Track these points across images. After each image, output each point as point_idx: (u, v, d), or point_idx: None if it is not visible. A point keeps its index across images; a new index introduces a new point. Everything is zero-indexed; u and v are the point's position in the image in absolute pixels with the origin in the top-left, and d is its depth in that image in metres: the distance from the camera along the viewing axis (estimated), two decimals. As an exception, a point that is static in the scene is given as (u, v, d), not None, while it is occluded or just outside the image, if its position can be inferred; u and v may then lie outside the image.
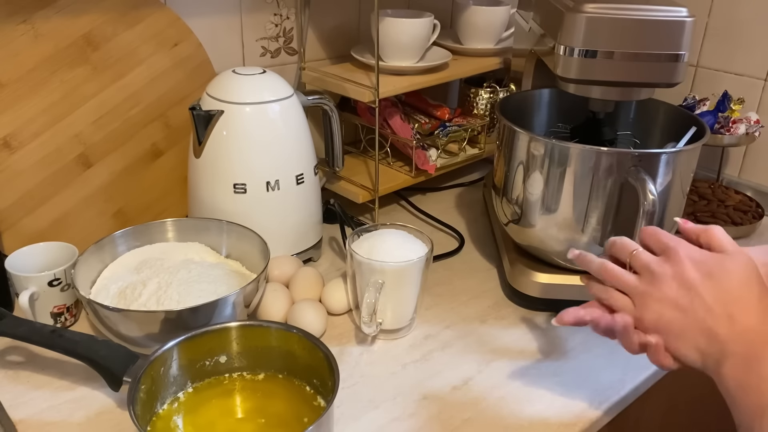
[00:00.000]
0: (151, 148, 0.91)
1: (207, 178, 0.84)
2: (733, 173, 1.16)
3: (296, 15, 1.04)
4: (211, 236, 0.83)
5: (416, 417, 0.66)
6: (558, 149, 0.76)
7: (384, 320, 0.76)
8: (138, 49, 0.88)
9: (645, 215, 0.69)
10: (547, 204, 0.78)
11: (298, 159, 0.85)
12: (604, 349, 0.76)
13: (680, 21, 0.72)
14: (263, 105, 0.81)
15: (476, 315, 0.82)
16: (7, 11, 0.78)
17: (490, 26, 1.11)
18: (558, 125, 0.95)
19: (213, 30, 0.96)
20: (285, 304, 0.78)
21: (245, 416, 0.62)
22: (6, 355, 0.73)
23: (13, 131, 0.80)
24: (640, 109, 0.92)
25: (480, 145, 1.16)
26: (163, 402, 0.62)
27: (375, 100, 0.93)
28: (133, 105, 0.88)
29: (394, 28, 0.97)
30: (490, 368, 0.73)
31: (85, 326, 0.78)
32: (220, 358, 0.65)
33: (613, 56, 0.74)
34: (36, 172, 0.82)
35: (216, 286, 0.74)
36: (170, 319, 0.66)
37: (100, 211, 0.87)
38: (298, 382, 0.65)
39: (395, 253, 0.74)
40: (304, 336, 0.63)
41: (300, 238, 0.89)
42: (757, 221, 1.04)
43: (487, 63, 1.11)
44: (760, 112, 1.09)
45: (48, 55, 0.81)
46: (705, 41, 1.14)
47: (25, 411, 0.65)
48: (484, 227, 1.04)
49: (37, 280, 0.73)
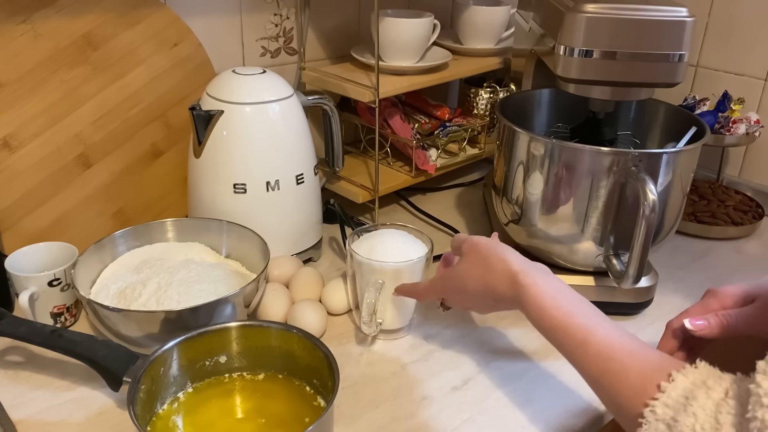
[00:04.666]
0: (151, 148, 0.91)
1: (207, 178, 0.84)
2: (733, 173, 1.16)
3: (296, 15, 1.04)
4: (211, 236, 0.83)
5: (416, 417, 0.66)
6: (558, 149, 0.76)
7: (384, 320, 0.76)
8: (138, 49, 0.88)
9: (645, 215, 0.69)
10: (547, 204, 0.78)
11: (298, 159, 0.85)
12: (604, 349, 0.76)
13: (680, 21, 0.72)
14: (263, 105, 0.81)
15: (476, 315, 0.82)
16: (7, 11, 0.78)
17: (490, 26, 1.11)
18: (558, 125, 0.95)
19: (213, 30, 0.96)
20: (285, 304, 0.78)
21: (245, 416, 0.62)
22: (6, 355, 0.73)
23: (13, 131, 0.80)
24: (640, 109, 0.92)
25: (480, 145, 1.16)
26: (163, 402, 0.62)
27: (375, 100, 0.93)
28: (133, 105, 0.88)
29: (394, 28, 0.97)
30: (490, 368, 0.73)
31: (85, 326, 0.78)
32: (220, 358, 0.65)
33: (613, 56, 0.74)
34: (36, 172, 0.82)
35: (216, 286, 0.74)
36: (170, 319, 0.66)
37: (100, 211, 0.87)
38: (298, 382, 0.65)
39: (395, 253, 0.74)
40: (304, 336, 0.63)
41: (300, 238, 0.89)
42: (757, 221, 1.05)
43: (487, 63, 1.11)
44: (760, 112, 1.09)
45: (48, 55, 0.81)
46: (705, 41, 1.14)
47: (25, 411, 0.65)
48: (484, 227, 1.04)
49: (37, 280, 0.73)
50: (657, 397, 0.48)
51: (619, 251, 0.78)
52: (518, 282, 0.61)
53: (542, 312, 0.59)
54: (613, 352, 0.53)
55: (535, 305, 0.59)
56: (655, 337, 0.78)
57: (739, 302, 0.62)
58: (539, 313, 0.59)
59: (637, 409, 0.49)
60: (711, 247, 1.01)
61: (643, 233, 0.70)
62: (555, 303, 0.59)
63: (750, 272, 0.94)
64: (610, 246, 0.78)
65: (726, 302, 0.62)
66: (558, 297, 0.59)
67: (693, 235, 1.02)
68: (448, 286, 0.70)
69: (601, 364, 0.54)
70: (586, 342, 0.55)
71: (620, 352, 0.53)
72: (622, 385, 0.51)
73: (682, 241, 1.01)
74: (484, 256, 0.65)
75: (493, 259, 0.64)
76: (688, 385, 0.47)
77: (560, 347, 0.58)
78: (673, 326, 0.63)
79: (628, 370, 0.51)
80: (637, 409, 0.49)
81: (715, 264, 0.97)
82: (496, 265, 0.64)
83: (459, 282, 0.68)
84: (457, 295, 0.70)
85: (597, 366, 0.54)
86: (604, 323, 0.57)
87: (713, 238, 1.02)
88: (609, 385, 0.53)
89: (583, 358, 0.55)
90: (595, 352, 0.54)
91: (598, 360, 0.54)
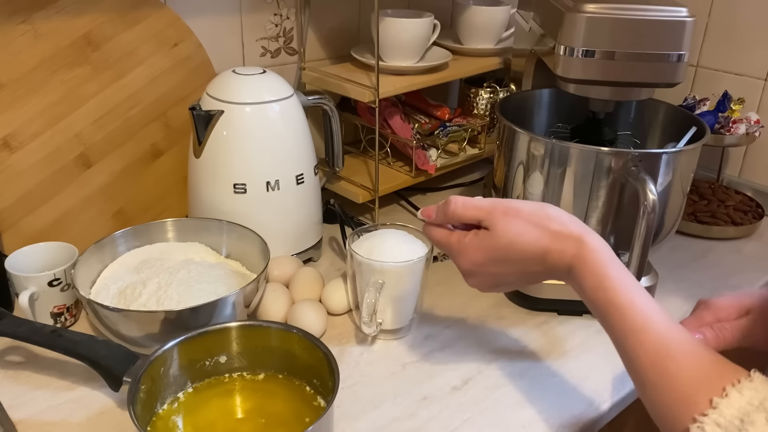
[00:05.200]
0: (151, 148, 0.91)
1: (207, 178, 0.84)
2: (733, 173, 1.16)
3: (296, 15, 1.04)
4: (211, 236, 0.83)
5: (416, 417, 0.66)
6: (558, 149, 0.76)
7: (384, 320, 0.76)
8: (138, 49, 0.87)
9: (645, 215, 0.69)
10: (547, 204, 0.78)
11: (298, 159, 0.85)
12: (604, 349, 0.76)
13: (680, 21, 0.72)
14: (263, 105, 0.81)
15: (476, 315, 0.82)
16: (7, 11, 0.78)
17: (490, 26, 1.11)
18: (558, 125, 0.95)
19: (213, 30, 0.96)
20: (285, 304, 0.78)
21: (245, 416, 0.62)
22: (6, 355, 0.73)
23: (13, 131, 0.80)
24: (640, 109, 0.92)
25: (480, 145, 1.16)
26: (163, 402, 0.62)
27: (375, 100, 0.92)
28: (133, 105, 0.88)
29: (394, 28, 0.97)
30: (490, 368, 0.73)
31: (85, 326, 0.78)
32: (220, 358, 0.65)
33: (613, 56, 0.74)
34: (36, 172, 0.82)
35: (216, 286, 0.74)
36: (170, 319, 0.66)
37: (100, 211, 0.87)
38: (298, 382, 0.65)
39: (395, 253, 0.74)
40: (304, 336, 0.63)
41: (300, 238, 0.89)
42: (757, 221, 1.05)
43: (487, 63, 1.11)
44: (760, 112, 1.09)
45: (48, 55, 0.81)
46: (705, 41, 1.14)
47: (25, 411, 0.65)
48: (484, 227, 1.04)
49: (37, 280, 0.73)
50: (707, 413, 0.44)
51: (619, 251, 0.78)
52: (584, 244, 0.55)
53: (601, 283, 0.53)
54: (671, 347, 0.49)
55: (595, 274, 0.53)
56: (655, 337, 0.78)
57: (733, 314, 0.60)
58: (597, 284, 0.53)
59: (683, 421, 0.46)
60: (711, 247, 1.01)
61: (643, 233, 0.70)
62: (618, 277, 0.53)
63: (750, 272, 0.94)
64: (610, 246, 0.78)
65: (720, 314, 0.60)
66: (621, 271, 0.54)
67: (693, 235, 1.02)
68: (491, 257, 0.59)
69: (656, 358, 0.49)
70: (645, 329, 0.50)
71: (678, 348, 0.49)
72: (673, 389, 0.48)
73: (682, 241, 1.01)
74: (537, 220, 0.57)
75: (547, 221, 0.57)
76: (744, 405, 0.44)
77: (610, 328, 0.53)
78: None
79: (680, 373, 0.48)
80: (683, 422, 0.46)
81: (715, 264, 0.97)
82: (553, 226, 0.56)
83: (504, 252, 0.58)
84: (498, 266, 0.59)
85: (650, 359, 0.50)
86: (662, 312, 0.52)
87: (713, 238, 1.02)
88: (658, 383, 0.49)
89: (637, 347, 0.51)
90: (652, 344, 0.50)
91: (653, 353, 0.49)
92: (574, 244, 0.55)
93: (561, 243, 0.56)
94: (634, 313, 0.51)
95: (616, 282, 0.53)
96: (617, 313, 0.52)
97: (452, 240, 0.61)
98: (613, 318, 0.53)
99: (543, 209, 0.58)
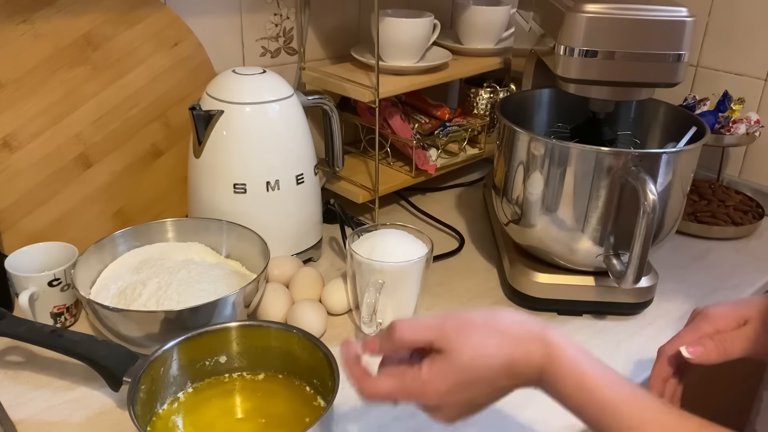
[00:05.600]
0: (151, 148, 0.91)
1: (207, 178, 0.84)
2: (733, 173, 1.16)
3: (296, 15, 1.04)
4: (211, 236, 0.83)
5: (416, 417, 0.66)
6: (558, 149, 0.76)
7: (384, 320, 0.76)
8: (138, 49, 0.87)
9: (645, 215, 0.69)
10: (547, 204, 0.78)
11: (298, 159, 0.85)
12: (604, 349, 0.75)
13: (680, 21, 0.72)
14: (263, 105, 0.81)
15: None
16: (7, 11, 0.78)
17: (490, 26, 1.11)
18: (558, 125, 0.95)
19: (213, 30, 0.96)
20: (285, 304, 0.78)
21: (245, 416, 0.62)
22: (6, 355, 0.73)
23: (13, 131, 0.80)
24: (640, 109, 0.92)
25: (480, 145, 1.16)
26: (163, 402, 0.62)
27: (375, 100, 0.92)
28: (133, 105, 0.88)
29: (394, 28, 0.97)
30: (490, 368, 0.73)
31: (85, 326, 0.78)
32: (220, 358, 0.65)
33: (613, 56, 0.74)
34: (36, 172, 0.81)
35: (216, 286, 0.74)
36: (170, 319, 0.66)
37: (100, 211, 0.87)
38: (298, 382, 0.65)
39: (395, 253, 0.74)
40: (304, 336, 0.63)
41: (300, 238, 0.89)
42: (757, 221, 1.05)
43: (487, 63, 1.11)
44: (760, 112, 1.09)
45: (48, 55, 0.81)
46: (705, 41, 1.14)
47: (25, 411, 0.65)
48: (484, 227, 1.04)
49: (37, 280, 0.73)
50: None
51: (619, 251, 0.78)
52: (549, 343, 0.49)
53: (582, 382, 0.48)
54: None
55: (572, 373, 0.48)
56: (655, 337, 0.78)
57: (731, 324, 0.60)
58: (576, 383, 0.48)
59: None
60: (711, 247, 1.00)
61: (643, 233, 0.70)
62: (596, 372, 0.48)
63: (750, 272, 0.94)
64: (610, 246, 0.78)
65: (719, 324, 0.60)
66: (596, 364, 0.49)
67: (693, 235, 1.02)
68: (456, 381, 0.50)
69: None
70: (644, 424, 0.46)
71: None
72: None
73: (682, 241, 1.01)
74: (493, 328, 0.51)
75: (504, 326, 0.51)
76: None
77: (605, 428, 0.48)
78: (667, 353, 0.61)
79: None
80: None
81: (715, 264, 0.97)
82: (511, 330, 0.51)
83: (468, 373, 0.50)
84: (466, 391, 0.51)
85: None
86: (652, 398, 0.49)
87: (713, 238, 1.02)
88: None
89: None
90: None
91: None
92: (538, 344, 0.50)
93: (524, 345, 0.50)
94: (630, 408, 0.47)
95: (599, 378, 0.48)
96: (608, 412, 0.48)
97: (406, 381, 0.51)
98: (605, 418, 0.48)
99: (496, 315, 0.52)
